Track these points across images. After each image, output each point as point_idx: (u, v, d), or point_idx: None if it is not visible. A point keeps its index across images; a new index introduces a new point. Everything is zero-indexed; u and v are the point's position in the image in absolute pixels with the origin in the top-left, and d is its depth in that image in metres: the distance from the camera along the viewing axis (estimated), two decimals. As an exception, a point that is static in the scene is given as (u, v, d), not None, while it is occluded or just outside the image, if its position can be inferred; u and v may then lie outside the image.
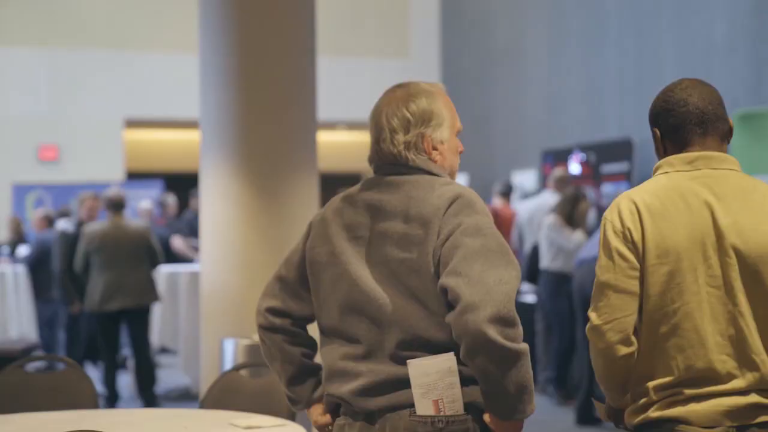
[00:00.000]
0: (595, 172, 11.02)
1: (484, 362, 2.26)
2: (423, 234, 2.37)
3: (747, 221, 2.43)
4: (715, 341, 2.39)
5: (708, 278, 2.40)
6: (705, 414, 2.37)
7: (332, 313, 2.51)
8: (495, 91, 14.02)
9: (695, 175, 2.48)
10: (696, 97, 2.54)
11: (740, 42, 9.22)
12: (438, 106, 2.50)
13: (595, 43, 11.58)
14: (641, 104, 10.67)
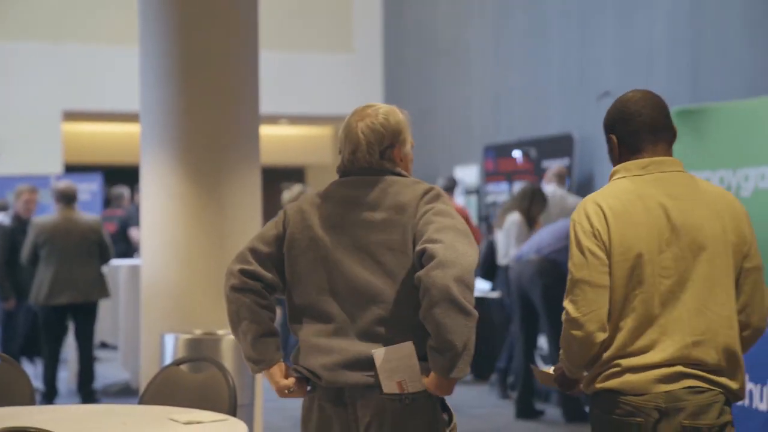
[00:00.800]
0: (536, 167, 11.12)
1: (442, 314, 2.62)
2: (402, 218, 2.79)
3: (697, 218, 2.79)
4: (660, 323, 2.75)
5: (661, 269, 2.77)
6: (636, 384, 2.74)
7: (308, 292, 2.85)
8: (438, 86, 14.06)
9: (649, 179, 2.83)
10: (649, 109, 2.89)
11: (679, 40, 9.36)
12: (404, 125, 2.95)
13: (538, 40, 11.67)
14: (582, 101, 10.78)
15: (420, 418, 2.78)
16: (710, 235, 2.79)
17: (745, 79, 8.50)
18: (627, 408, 2.75)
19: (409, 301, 2.74)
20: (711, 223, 2.80)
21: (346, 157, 2.93)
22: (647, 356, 2.75)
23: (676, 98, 9.23)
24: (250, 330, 2.88)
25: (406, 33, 15.12)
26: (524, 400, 7.40)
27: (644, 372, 2.74)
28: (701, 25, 9.08)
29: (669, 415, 2.72)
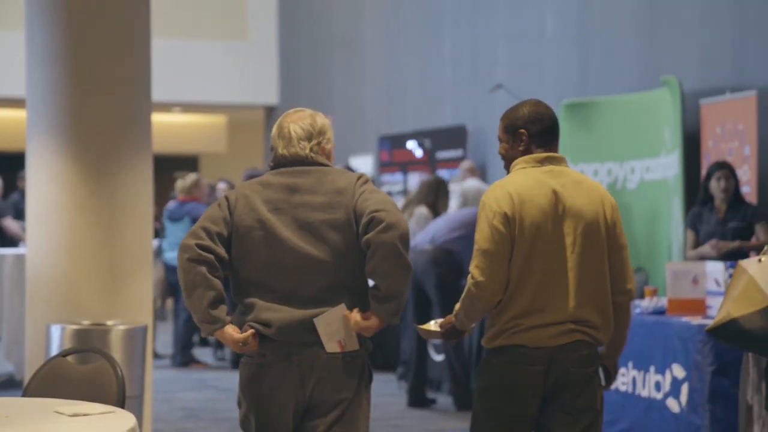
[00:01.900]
0: (431, 158, 11.22)
1: (391, 267, 3.15)
2: (342, 199, 3.27)
3: (580, 203, 3.40)
4: (551, 288, 3.34)
5: (554, 244, 3.36)
6: (537, 339, 3.32)
7: (256, 267, 3.29)
8: (333, 76, 14.06)
9: (544, 170, 3.43)
10: (553, 115, 3.53)
11: (568, 34, 9.54)
12: (327, 126, 3.46)
13: (432, 32, 11.77)
14: (475, 93, 10.91)
15: (356, 373, 3.28)
16: (590, 218, 3.40)
17: (633, 74, 8.72)
18: (529, 359, 3.33)
19: (349, 270, 3.25)
20: (591, 208, 3.41)
21: (280, 151, 3.40)
22: (544, 316, 3.33)
23: (566, 92, 9.42)
24: (206, 296, 3.26)
25: (301, 22, 15.07)
26: (416, 389, 7.47)
27: (542, 329, 3.32)
28: (590, 20, 9.28)
29: (560, 363, 3.32)
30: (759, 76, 7.37)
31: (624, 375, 5.92)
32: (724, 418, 5.17)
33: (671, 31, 8.29)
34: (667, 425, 5.52)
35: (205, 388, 8.49)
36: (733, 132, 7.37)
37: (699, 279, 5.67)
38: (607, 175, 8.69)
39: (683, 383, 5.39)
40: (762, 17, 7.41)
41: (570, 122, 8.86)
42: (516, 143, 3.49)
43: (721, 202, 6.82)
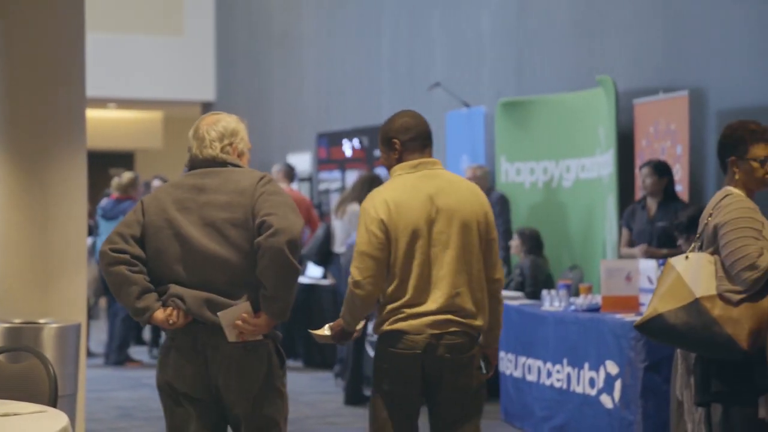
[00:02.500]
0: (368, 156, 11.23)
1: (277, 270, 3.38)
2: (243, 200, 3.49)
3: (453, 203, 3.76)
4: (429, 282, 3.69)
5: (431, 241, 3.71)
6: (415, 326, 3.68)
7: (166, 263, 3.53)
8: (271, 72, 14.00)
9: (419, 175, 3.79)
10: (422, 123, 3.90)
11: (505, 34, 9.62)
12: (240, 128, 3.72)
13: (370, 30, 11.78)
14: (413, 91, 10.94)
15: (259, 360, 3.50)
16: (463, 216, 3.76)
17: (568, 74, 8.81)
18: (408, 343, 3.68)
19: (251, 266, 3.45)
20: (463, 207, 3.77)
21: (194, 152, 3.65)
22: (424, 306, 3.70)
23: (503, 90, 9.49)
24: (132, 292, 3.50)
25: (239, 18, 14.98)
26: (353, 387, 7.48)
27: (422, 317, 3.69)
28: (526, 20, 9.36)
29: (436, 349, 3.68)
30: (691, 77, 7.51)
31: (559, 372, 5.99)
32: (656, 413, 5.26)
33: (606, 32, 8.40)
34: (600, 421, 5.60)
35: (139, 387, 8.41)
36: (666, 131, 7.49)
37: (632, 276, 5.75)
38: (543, 174, 8.78)
39: (616, 379, 5.47)
40: (693, 19, 7.55)
41: (507, 121, 8.93)
42: (391, 152, 3.85)
43: (652, 200, 6.94)
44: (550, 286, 7.39)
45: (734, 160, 3.95)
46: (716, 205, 3.93)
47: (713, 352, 3.78)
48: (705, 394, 3.85)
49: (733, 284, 3.78)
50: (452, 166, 9.92)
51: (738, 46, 7.15)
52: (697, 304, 3.79)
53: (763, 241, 3.79)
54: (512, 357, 6.48)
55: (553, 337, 6.04)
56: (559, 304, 6.21)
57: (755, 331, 3.71)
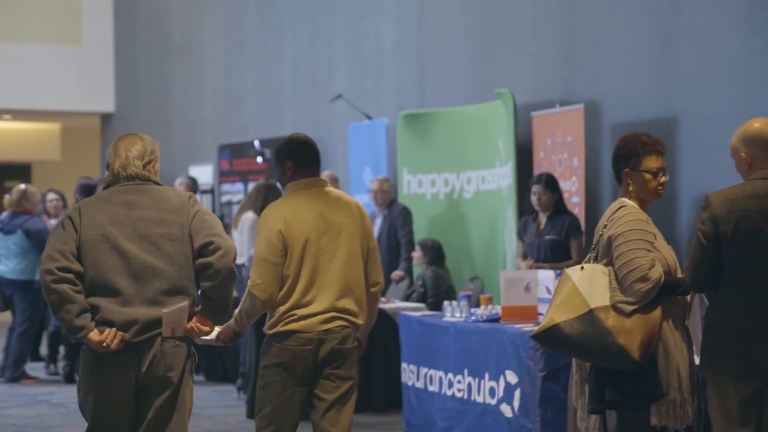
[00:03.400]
0: (272, 168, 11.18)
1: (227, 285, 3.84)
2: (178, 217, 3.88)
3: (340, 217, 4.29)
4: (318, 285, 4.22)
5: (319, 249, 4.24)
6: (307, 325, 4.21)
7: (102, 274, 3.83)
8: (172, 83, 13.85)
9: (311, 192, 4.32)
10: (313, 145, 4.39)
11: (406, 46, 9.69)
12: (156, 148, 4.06)
13: (272, 40, 11.74)
14: (316, 102, 10.94)
15: (183, 356, 3.89)
16: (348, 229, 4.29)
17: (468, 86, 8.92)
18: (301, 340, 4.19)
19: (182, 276, 3.86)
20: (348, 220, 4.30)
21: (116, 169, 3.97)
22: (312, 307, 4.21)
23: (404, 103, 9.56)
24: (72, 310, 3.77)
25: (139, 27, 14.78)
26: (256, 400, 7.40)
27: (312, 317, 4.20)
28: (427, 33, 9.45)
29: (325, 344, 4.20)
30: (586, 90, 7.67)
31: (460, 382, 6.04)
32: (554, 421, 5.34)
33: (504, 46, 8.53)
34: (500, 430, 5.66)
35: (35, 404, 8.20)
36: (563, 144, 7.63)
37: (531, 287, 5.84)
38: (445, 185, 8.87)
39: (516, 389, 5.54)
40: (589, 34, 7.71)
41: (408, 133, 8.99)
42: (285, 171, 4.36)
43: (542, 213, 7.05)
44: (451, 297, 7.46)
45: (628, 172, 4.04)
46: (610, 217, 4.01)
47: (607, 362, 3.85)
48: (599, 402, 3.93)
49: (625, 295, 3.86)
50: (355, 177, 9.94)
51: (631, 61, 7.34)
52: (591, 315, 3.86)
53: (655, 252, 3.89)
54: (414, 368, 6.51)
55: (454, 347, 6.10)
56: (461, 314, 6.27)
57: (646, 341, 3.80)
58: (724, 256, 3.62)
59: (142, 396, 3.84)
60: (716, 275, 3.65)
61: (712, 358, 3.66)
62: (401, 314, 6.84)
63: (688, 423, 3.90)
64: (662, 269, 3.86)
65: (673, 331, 3.89)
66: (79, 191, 9.39)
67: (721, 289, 3.66)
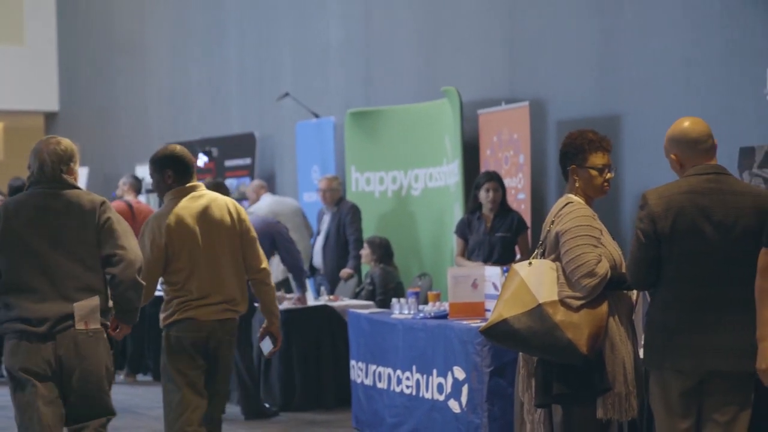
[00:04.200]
0: (219, 167, 11.12)
1: (131, 292, 4.19)
2: (89, 222, 4.16)
3: (218, 216, 4.71)
4: (209, 280, 4.68)
5: (204, 249, 4.68)
6: (202, 314, 4.66)
7: (19, 274, 4.15)
8: (117, 82, 13.71)
9: (189, 197, 4.72)
10: (189, 154, 4.77)
11: (353, 45, 9.69)
12: (76, 152, 4.28)
13: (217, 39, 11.68)
14: (263, 101, 10.91)
15: (98, 344, 4.21)
16: (226, 226, 4.73)
17: (415, 84, 8.95)
18: (196, 327, 4.65)
19: (93, 275, 4.18)
20: (225, 218, 4.73)
21: (36, 171, 4.20)
22: (207, 299, 4.68)
23: (352, 101, 9.56)
24: None
25: (82, 26, 14.62)
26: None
27: (206, 307, 4.67)
28: (374, 32, 9.46)
29: (217, 333, 4.69)
30: (532, 88, 7.74)
31: (408, 378, 6.07)
32: (501, 416, 5.38)
33: (451, 44, 8.58)
34: (448, 425, 5.69)
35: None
36: (509, 141, 7.70)
37: (478, 283, 5.87)
38: (393, 183, 8.89)
39: (464, 384, 5.58)
40: (533, 33, 7.79)
41: (356, 131, 9.00)
42: (165, 179, 4.73)
43: (489, 211, 7.09)
44: (400, 295, 7.48)
45: (574, 168, 4.07)
46: (558, 213, 4.05)
47: (555, 356, 3.89)
48: (546, 396, 3.96)
49: (573, 290, 3.90)
50: (303, 176, 9.93)
51: (575, 59, 7.42)
52: (539, 310, 3.89)
53: (601, 248, 3.93)
54: (363, 365, 6.52)
55: (402, 344, 6.12)
56: (409, 312, 6.29)
57: (594, 335, 3.84)
58: (663, 252, 3.68)
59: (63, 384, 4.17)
60: (656, 271, 3.71)
61: (655, 352, 3.72)
62: (350, 312, 6.85)
63: (632, 416, 3.96)
64: (609, 264, 3.91)
65: (619, 326, 3.94)
66: (8, 192, 9.31)
67: (661, 285, 3.71)
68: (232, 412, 7.48)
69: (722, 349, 3.60)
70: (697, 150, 3.75)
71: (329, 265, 8.65)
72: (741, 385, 3.66)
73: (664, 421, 3.71)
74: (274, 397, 7.43)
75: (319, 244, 8.76)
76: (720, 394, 3.65)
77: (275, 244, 7.28)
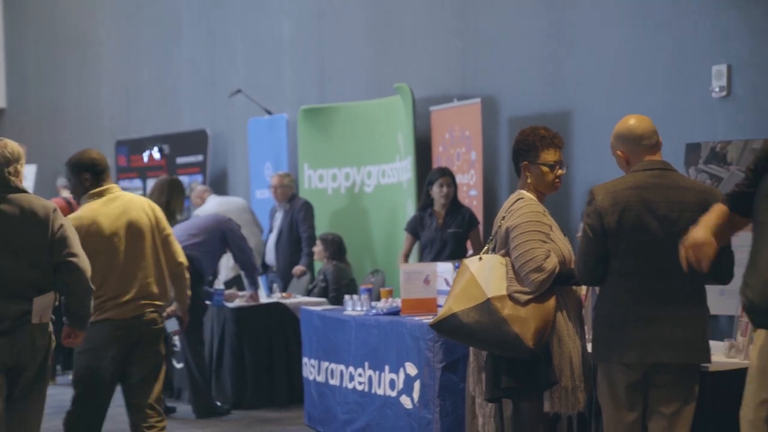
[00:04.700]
0: (170, 163, 11.05)
1: (83, 299, 4.34)
2: (42, 226, 4.25)
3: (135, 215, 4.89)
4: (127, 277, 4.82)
5: (124, 247, 4.85)
6: (119, 313, 4.81)
7: None
8: (66, 78, 13.56)
9: (105, 198, 4.87)
10: (104, 158, 4.94)
11: (306, 42, 9.68)
12: (22, 154, 4.35)
13: (169, 35, 11.60)
14: (215, 98, 10.85)
15: (46, 339, 4.34)
16: (142, 224, 4.90)
17: (368, 81, 8.95)
18: (115, 326, 4.80)
19: (46, 277, 4.28)
20: (141, 216, 4.90)
21: None
22: (124, 297, 4.82)
23: (305, 98, 9.54)
24: None
25: (30, 20, 14.43)
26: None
27: (123, 305, 4.82)
28: (326, 28, 9.45)
29: (136, 328, 4.83)
30: (483, 85, 7.77)
31: (361, 375, 6.07)
32: (453, 411, 5.40)
33: (403, 42, 8.59)
34: (400, 421, 5.71)
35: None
36: (461, 138, 7.72)
37: (430, 279, 5.89)
38: (345, 180, 8.89)
39: (415, 380, 5.59)
40: (485, 30, 7.82)
41: (309, 128, 8.98)
42: (83, 182, 4.88)
43: (441, 207, 7.11)
44: (353, 291, 7.48)
45: (526, 164, 4.11)
46: (509, 209, 4.08)
47: (502, 350, 3.92)
48: (495, 390, 3.99)
49: (521, 285, 3.93)
50: (256, 173, 9.89)
51: (526, 56, 7.46)
52: (488, 304, 3.92)
53: (550, 244, 3.97)
54: (315, 362, 6.52)
55: (355, 341, 6.12)
56: (361, 308, 6.29)
57: (541, 329, 3.88)
58: (610, 246, 3.72)
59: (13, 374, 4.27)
60: (604, 266, 3.75)
61: (602, 346, 3.76)
62: (302, 309, 6.84)
63: (579, 409, 3.99)
64: (557, 260, 3.94)
65: (567, 321, 3.97)
66: None
67: (608, 279, 3.75)
68: (183, 410, 7.44)
69: (667, 342, 3.65)
70: (643, 146, 3.79)
71: (282, 262, 8.63)
72: (686, 377, 3.71)
73: (611, 413, 3.75)
74: (226, 396, 7.40)
75: (271, 241, 8.74)
76: (665, 387, 3.70)
77: (226, 241, 7.25)
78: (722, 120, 6.12)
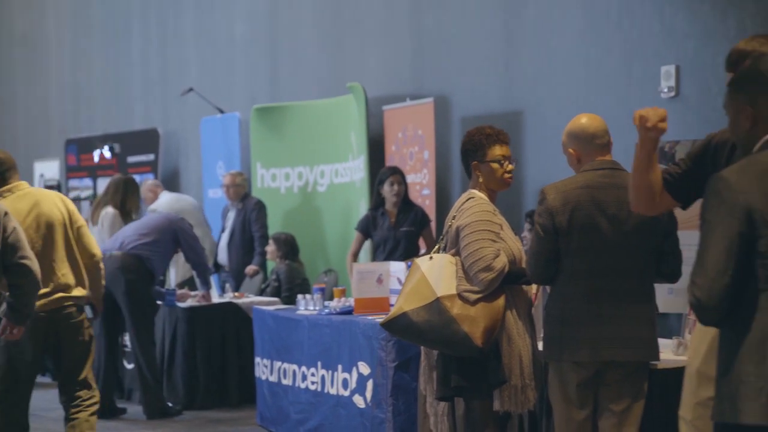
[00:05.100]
0: (121, 163, 10.95)
1: (29, 299, 4.50)
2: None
3: (47, 209, 4.95)
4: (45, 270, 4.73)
5: (39, 241, 4.90)
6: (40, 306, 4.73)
7: None
8: (14, 76, 13.39)
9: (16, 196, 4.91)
10: (11, 157, 5.01)
11: (258, 40, 9.64)
12: None
13: (120, 32, 11.50)
14: (166, 96, 10.77)
15: None
16: (57, 218, 4.96)
17: (320, 80, 8.94)
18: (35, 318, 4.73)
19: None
20: (54, 211, 4.97)
21: None
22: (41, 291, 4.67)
23: (257, 96, 9.51)
24: None
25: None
26: (105, 399, 7.25)
27: (43, 299, 4.79)
28: (278, 27, 9.42)
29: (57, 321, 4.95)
30: (435, 85, 7.79)
31: (314, 374, 6.06)
32: (405, 410, 5.40)
33: (355, 40, 8.58)
34: (353, 421, 5.70)
35: None
36: (414, 137, 7.74)
37: (383, 279, 5.89)
38: (299, 179, 8.86)
39: (368, 379, 5.59)
40: (438, 30, 7.84)
41: (261, 127, 8.94)
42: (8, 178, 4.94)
43: (392, 206, 7.11)
44: (306, 291, 7.46)
45: (476, 164, 4.13)
46: (459, 208, 4.09)
47: (452, 349, 3.93)
48: (446, 389, 4.00)
49: (471, 284, 3.94)
50: (208, 172, 9.83)
51: (479, 56, 7.49)
52: (437, 303, 3.93)
53: (500, 243, 3.98)
54: (267, 362, 6.49)
55: (307, 340, 6.10)
56: (314, 307, 6.28)
57: (490, 328, 3.89)
58: (561, 246, 3.75)
59: None
60: (555, 265, 3.77)
61: (553, 345, 3.78)
62: (255, 308, 6.81)
63: (529, 407, 4.02)
64: (507, 259, 3.96)
65: (517, 320, 3.99)
66: None
67: (559, 278, 3.77)
68: (134, 411, 7.37)
69: (618, 340, 3.68)
70: (594, 145, 3.82)
71: (234, 262, 8.59)
72: (636, 375, 3.74)
73: (562, 411, 3.77)
74: (178, 396, 7.35)
75: (224, 240, 8.69)
76: (615, 384, 3.73)
77: (178, 241, 7.19)
78: (671, 120, 6.13)
